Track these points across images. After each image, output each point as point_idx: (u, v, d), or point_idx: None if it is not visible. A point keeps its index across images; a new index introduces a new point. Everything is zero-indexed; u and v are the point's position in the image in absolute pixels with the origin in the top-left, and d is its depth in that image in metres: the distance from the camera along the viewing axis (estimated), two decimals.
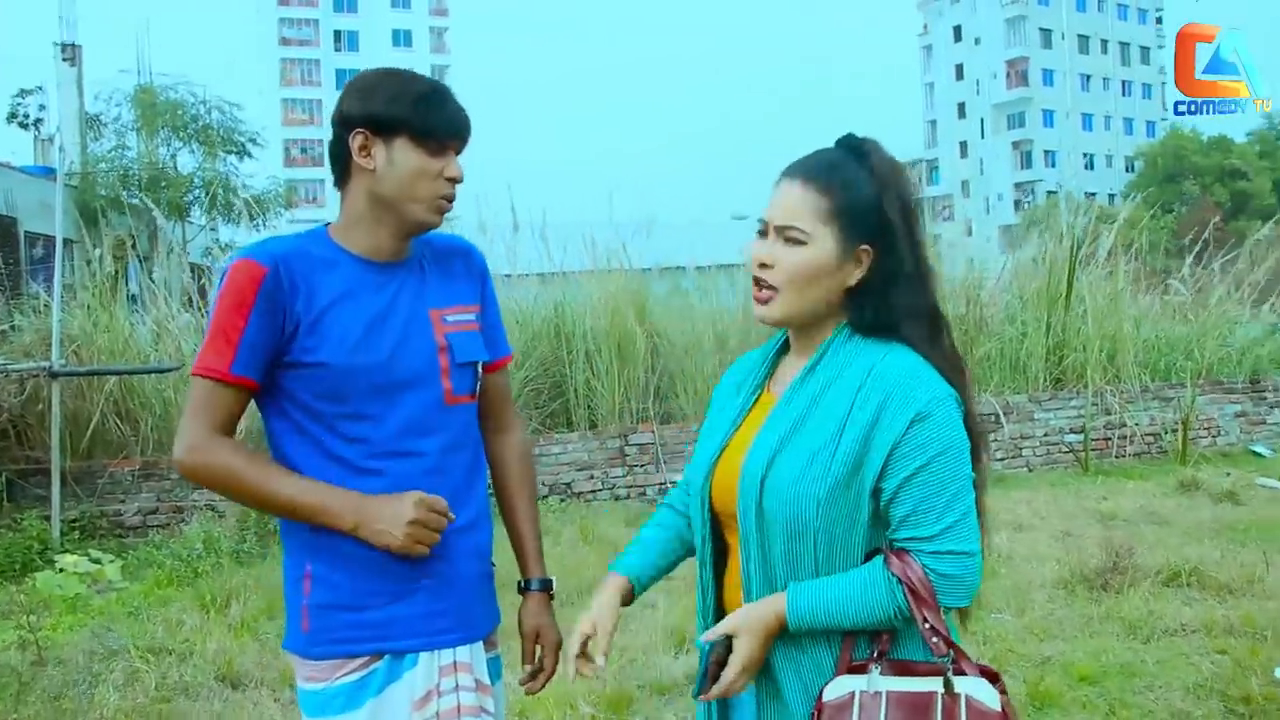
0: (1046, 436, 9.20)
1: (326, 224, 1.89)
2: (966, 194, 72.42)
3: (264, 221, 21.62)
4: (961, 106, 78.59)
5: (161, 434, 7.60)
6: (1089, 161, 72.80)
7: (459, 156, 1.86)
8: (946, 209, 66.11)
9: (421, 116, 1.78)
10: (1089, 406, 9.24)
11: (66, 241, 8.35)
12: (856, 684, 1.52)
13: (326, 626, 1.80)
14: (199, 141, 24.20)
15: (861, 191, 1.63)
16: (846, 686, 1.52)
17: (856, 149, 1.67)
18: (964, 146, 78.37)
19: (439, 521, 1.76)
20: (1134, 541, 5.65)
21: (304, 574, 1.81)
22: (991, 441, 8.47)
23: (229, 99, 24.99)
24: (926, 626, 1.51)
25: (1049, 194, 45.70)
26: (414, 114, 1.78)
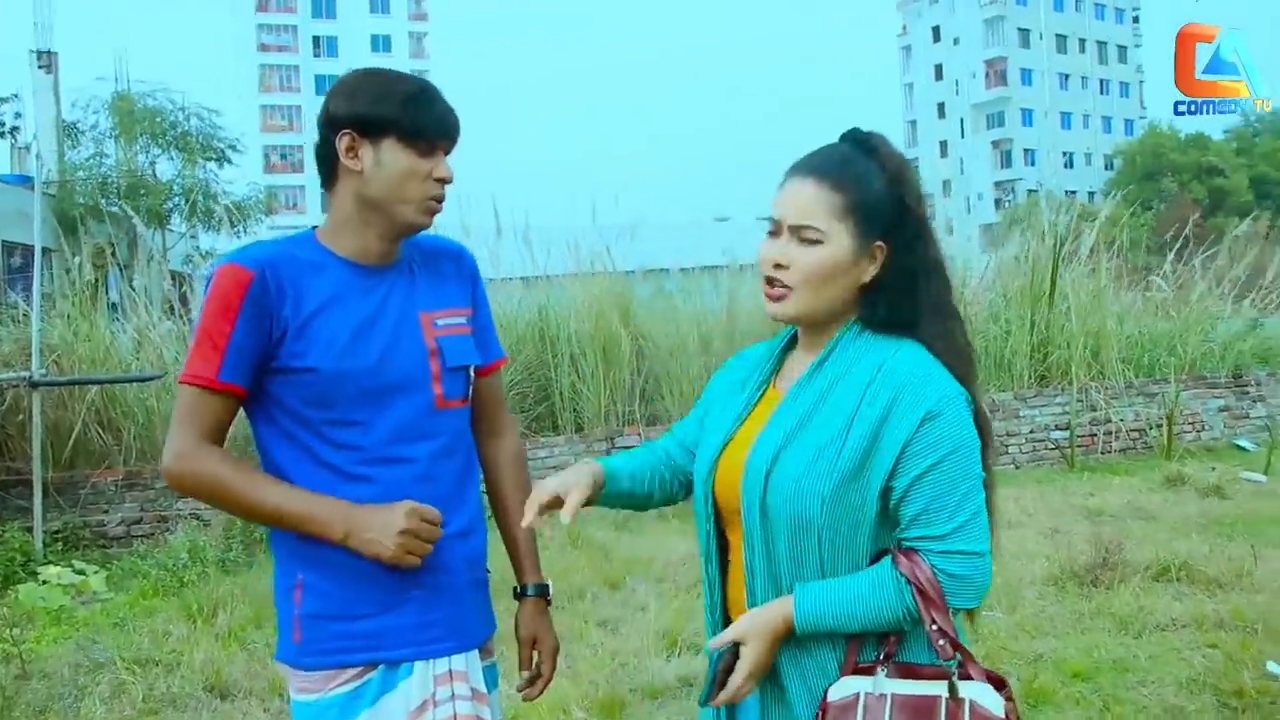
0: (1032, 434, 9.21)
1: (314, 227, 1.86)
2: (947, 193, 72.66)
3: (245, 228, 21.56)
4: (941, 106, 79.01)
5: (144, 443, 7.52)
6: (1068, 160, 73.32)
7: (448, 157, 1.83)
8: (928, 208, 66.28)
9: (410, 116, 1.75)
10: (1074, 403, 9.26)
11: (45, 250, 8.25)
12: (862, 685, 1.51)
13: (319, 637, 1.77)
14: (178, 148, 24.14)
15: (873, 187, 1.60)
16: (851, 688, 1.51)
17: (864, 143, 1.64)
18: (944, 146, 78.78)
19: (431, 531, 1.73)
20: (1122, 537, 5.65)
21: (295, 583, 1.78)
22: None
23: (207, 105, 24.98)
24: (934, 629, 1.49)
25: (1029, 193, 45.91)
26: (402, 114, 1.74)
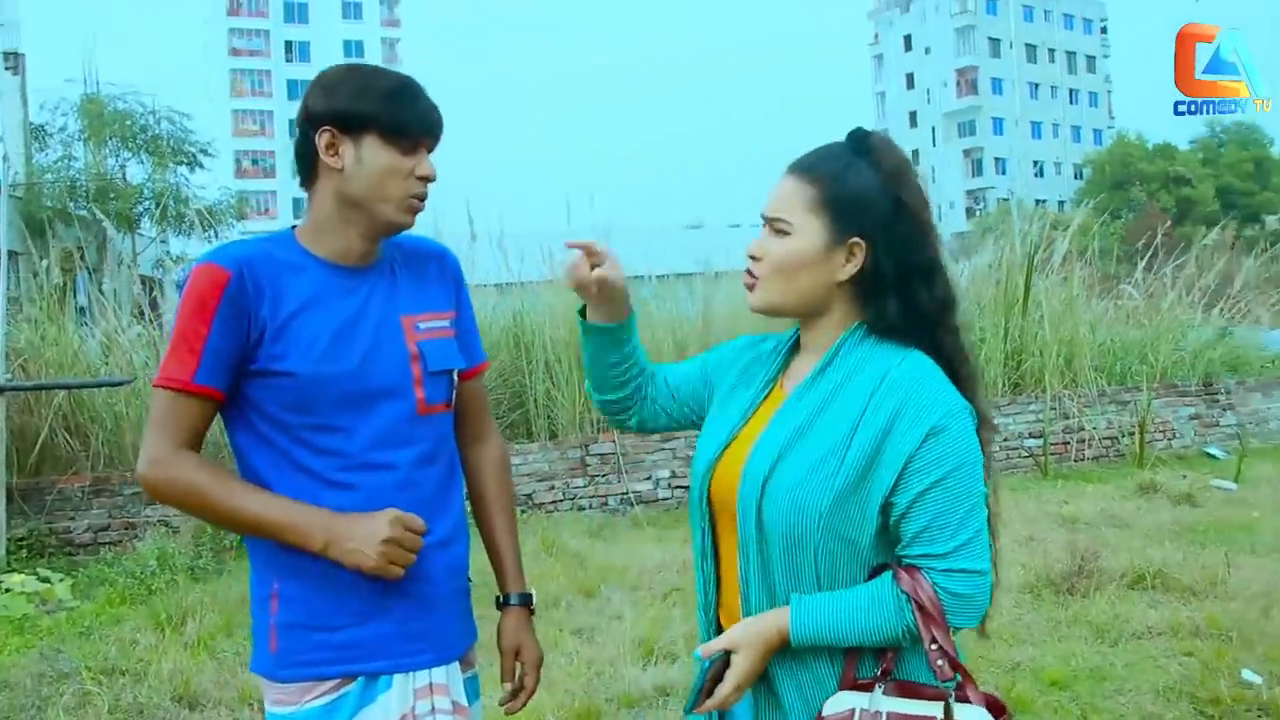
0: (1006, 441, 9.24)
1: (293, 226, 1.81)
2: None
3: (216, 233, 21.35)
4: (913, 115, 79.51)
5: (113, 449, 7.41)
6: (1038, 169, 73.88)
7: (430, 155, 1.78)
8: None
9: (391, 113, 1.70)
10: (1047, 411, 9.31)
11: (12, 254, 8.14)
12: (858, 701, 1.48)
13: (295, 647, 1.72)
14: (148, 152, 23.92)
15: (853, 183, 1.57)
16: (847, 703, 1.48)
17: (861, 142, 1.61)
18: (916, 155, 79.12)
19: (415, 541, 1.68)
20: (1097, 545, 5.67)
21: (271, 592, 1.73)
22: None
23: (178, 109, 24.75)
24: (934, 648, 1.46)
25: (1000, 201, 46.26)
26: (383, 110, 1.69)
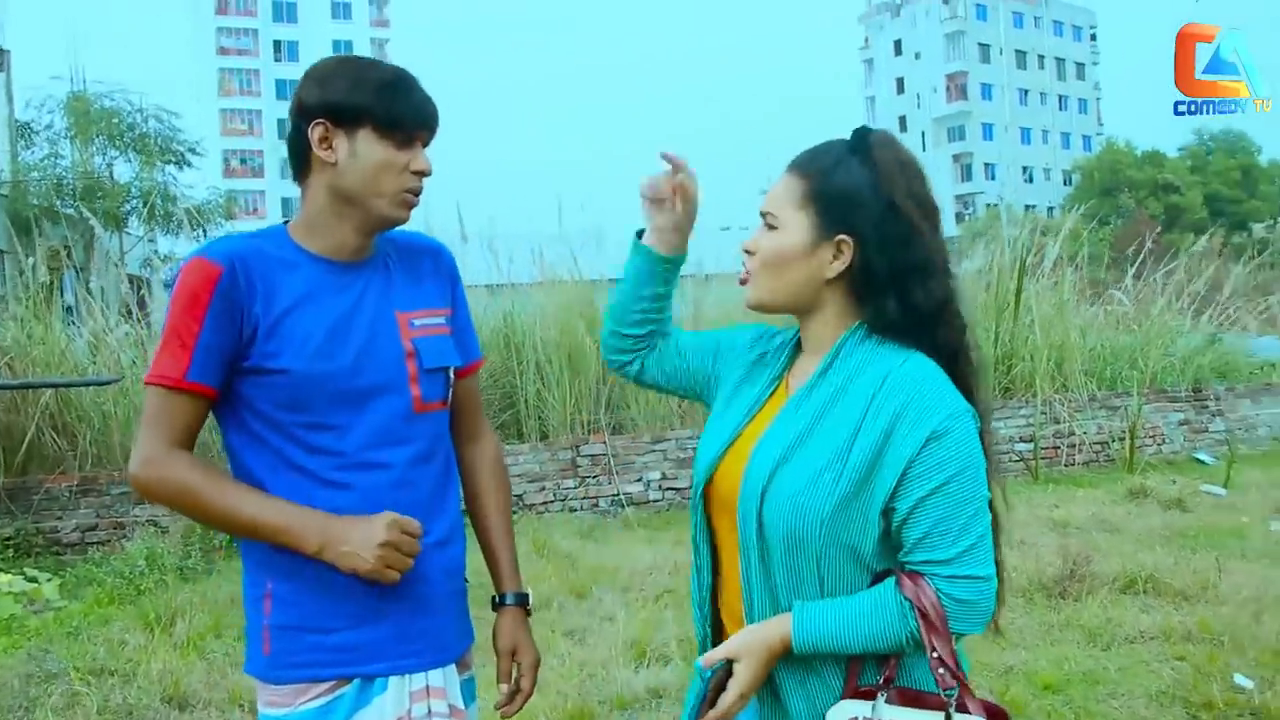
0: (996, 445, 9.10)
1: (285, 221, 1.78)
2: None
3: (204, 232, 21.27)
4: (903, 120, 79.70)
5: (100, 448, 7.36)
6: (1028, 175, 74.17)
7: (426, 149, 1.75)
8: None
9: (385, 105, 1.67)
10: (1038, 415, 9.31)
11: None
12: (860, 710, 1.47)
13: (289, 649, 1.69)
14: (136, 150, 23.82)
15: (844, 179, 1.54)
16: (849, 712, 1.47)
17: (860, 140, 1.59)
18: None
19: (412, 545, 1.65)
20: (1089, 549, 5.67)
21: (264, 593, 1.70)
22: None
23: (166, 108, 24.65)
24: (935, 656, 1.45)
25: (989, 206, 46.42)
26: (377, 102, 1.66)
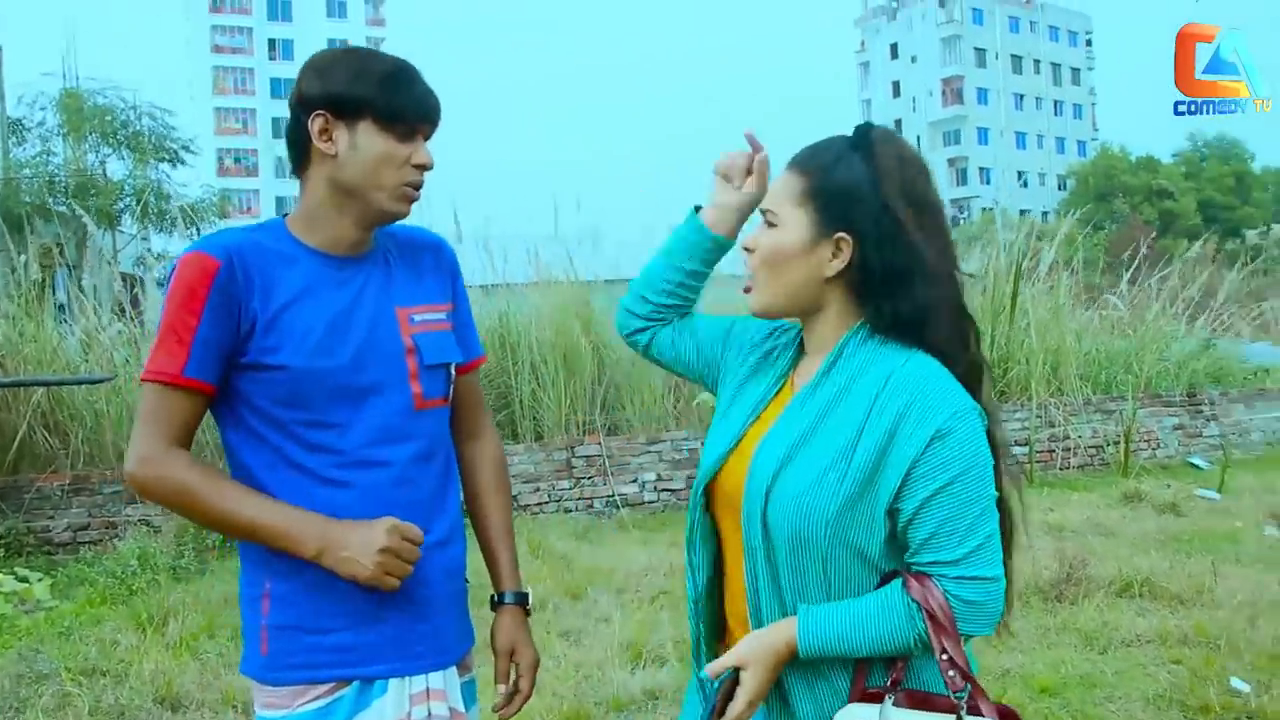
0: None
1: (284, 215, 1.76)
2: None
3: (198, 230, 21.17)
4: (898, 123, 79.61)
5: (92, 447, 7.33)
6: (1023, 179, 74.32)
7: (427, 142, 1.72)
8: None
9: (387, 97, 1.64)
10: (1033, 419, 9.31)
11: None
12: (868, 713, 1.45)
13: (287, 650, 1.67)
14: (129, 148, 23.72)
15: (843, 176, 1.52)
16: (857, 715, 1.45)
17: (861, 136, 1.57)
18: None
19: (412, 552, 1.62)
20: (1085, 553, 5.66)
21: (263, 593, 1.68)
22: None
23: (160, 105, 24.57)
24: (944, 658, 1.43)
25: (984, 211, 46.47)
26: (379, 94, 1.64)
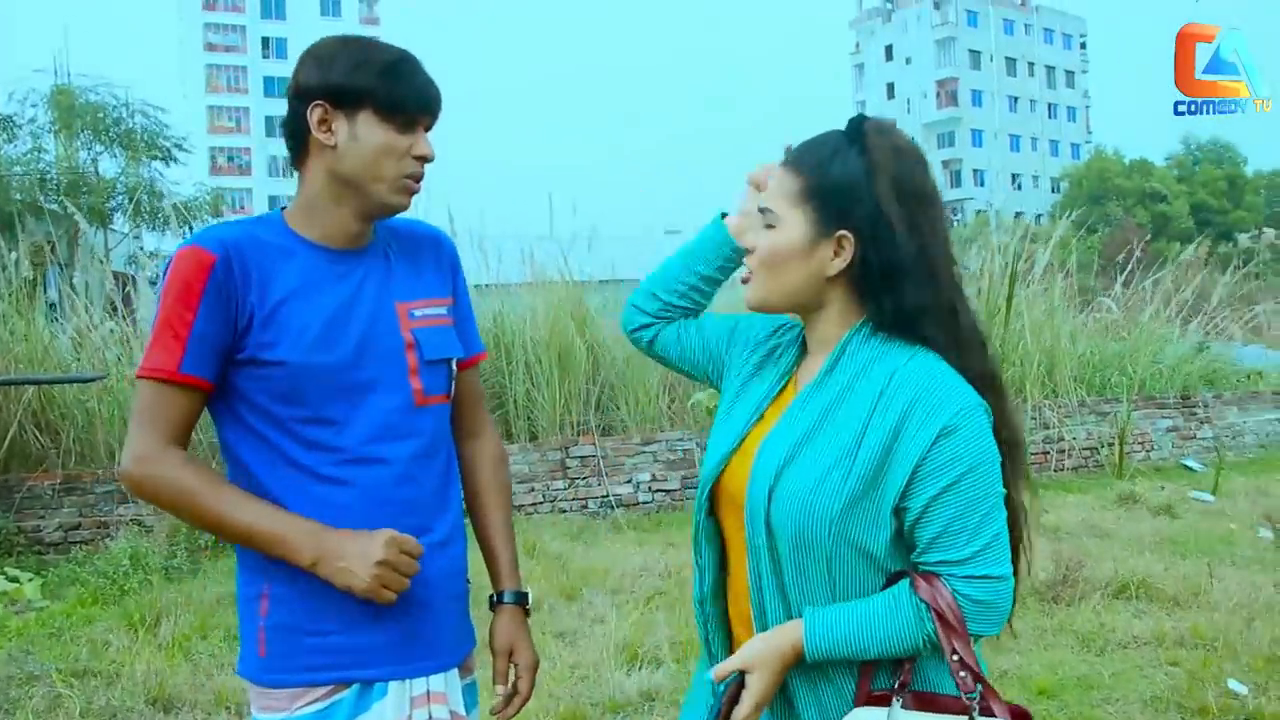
0: None
1: (281, 208, 1.73)
2: None
3: (191, 229, 21.07)
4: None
5: (84, 446, 7.27)
6: (1017, 182, 74.44)
7: (429, 133, 1.70)
8: None
9: (387, 88, 1.62)
10: (1028, 421, 9.30)
11: None
12: (875, 717, 1.43)
13: (286, 651, 1.64)
14: (121, 145, 23.59)
15: (840, 173, 1.49)
16: (865, 719, 1.43)
17: (855, 130, 1.53)
18: None
19: (410, 565, 1.59)
20: (1079, 554, 5.65)
21: (261, 593, 1.65)
22: None
23: (152, 103, 24.45)
24: (955, 659, 1.40)
25: (978, 213, 46.54)
26: (379, 85, 1.61)
